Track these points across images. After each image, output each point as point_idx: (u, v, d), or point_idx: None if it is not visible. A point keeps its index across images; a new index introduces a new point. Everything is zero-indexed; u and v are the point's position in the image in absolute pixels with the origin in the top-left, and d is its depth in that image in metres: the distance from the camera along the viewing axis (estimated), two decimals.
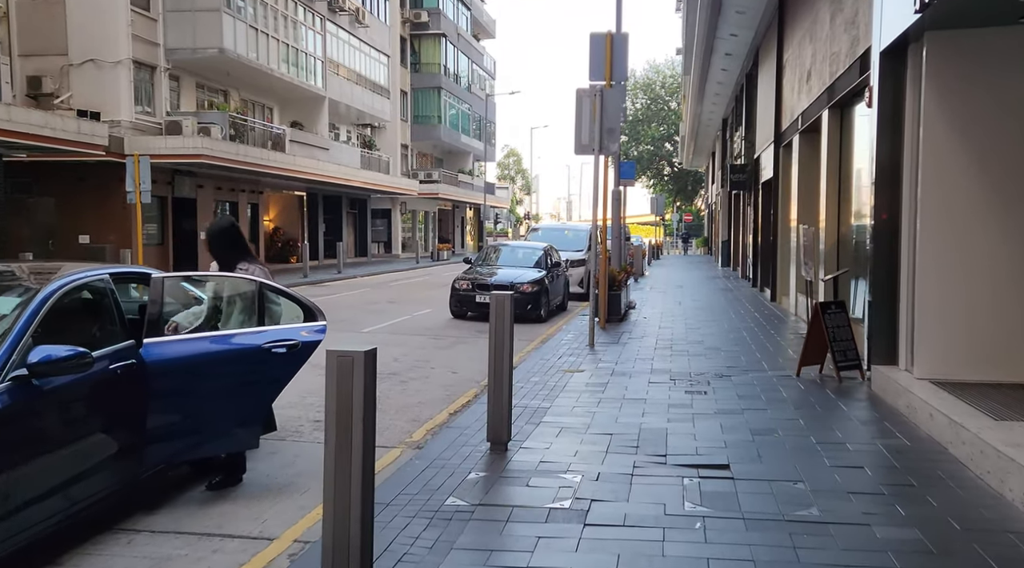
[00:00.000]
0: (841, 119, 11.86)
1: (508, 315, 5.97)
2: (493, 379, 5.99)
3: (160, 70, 24.41)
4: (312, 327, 5.54)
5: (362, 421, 3.25)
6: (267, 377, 5.34)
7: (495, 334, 5.97)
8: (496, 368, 5.97)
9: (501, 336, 5.96)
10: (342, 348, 3.32)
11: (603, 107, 11.51)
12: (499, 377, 5.97)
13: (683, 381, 8.79)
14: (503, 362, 5.96)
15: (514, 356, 11.74)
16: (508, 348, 5.98)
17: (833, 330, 8.63)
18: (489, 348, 6.01)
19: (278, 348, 5.30)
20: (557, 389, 8.44)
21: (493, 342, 5.99)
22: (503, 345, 5.96)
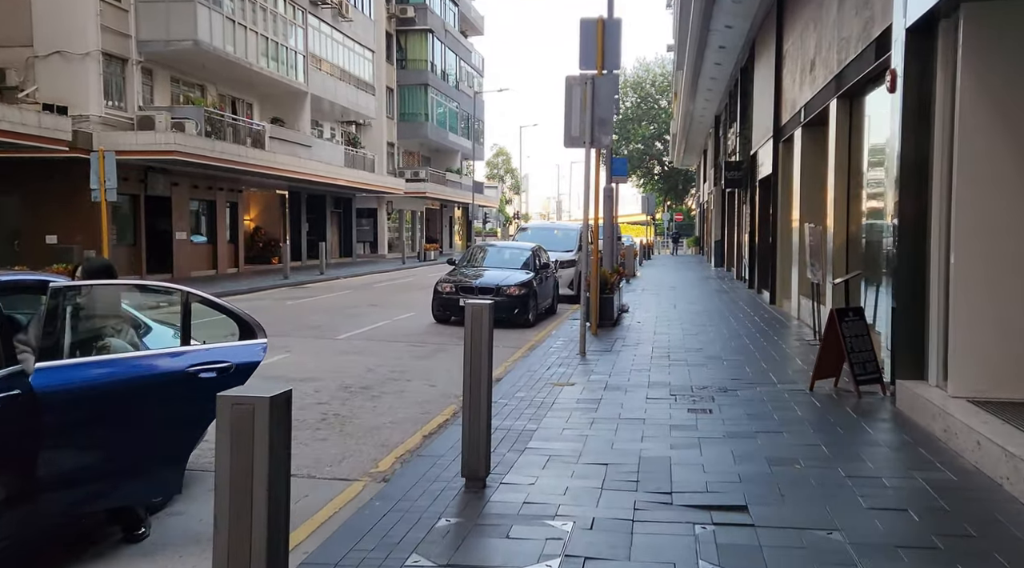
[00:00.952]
0: (851, 109, 11.02)
1: (486, 327, 5.07)
2: (469, 405, 5.09)
3: (132, 63, 23.39)
4: (250, 346, 4.62)
5: (266, 499, 2.32)
6: (193, 407, 4.41)
7: (471, 350, 5.08)
8: (472, 391, 5.07)
9: (478, 353, 5.06)
10: (240, 393, 2.38)
11: (594, 96, 10.64)
12: (476, 402, 5.07)
13: (685, 397, 7.91)
14: (480, 384, 5.07)
15: (500, 366, 10.89)
16: (486, 367, 5.08)
17: (851, 339, 7.78)
18: (464, 368, 5.11)
19: (206, 372, 4.37)
20: (545, 406, 7.55)
21: (469, 360, 5.09)
22: (480, 364, 5.06)
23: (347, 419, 7.46)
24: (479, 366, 5.06)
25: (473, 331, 5.07)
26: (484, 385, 5.07)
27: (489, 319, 5.11)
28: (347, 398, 8.38)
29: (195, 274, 26.55)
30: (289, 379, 9.24)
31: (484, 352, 5.06)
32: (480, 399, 5.05)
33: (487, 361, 5.08)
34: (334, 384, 9.08)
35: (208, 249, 28.11)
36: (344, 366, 10.25)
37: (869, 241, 10.44)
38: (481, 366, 5.05)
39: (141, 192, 24.09)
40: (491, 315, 5.13)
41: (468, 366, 5.08)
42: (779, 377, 8.94)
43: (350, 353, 11.31)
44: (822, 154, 13.65)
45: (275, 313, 16.53)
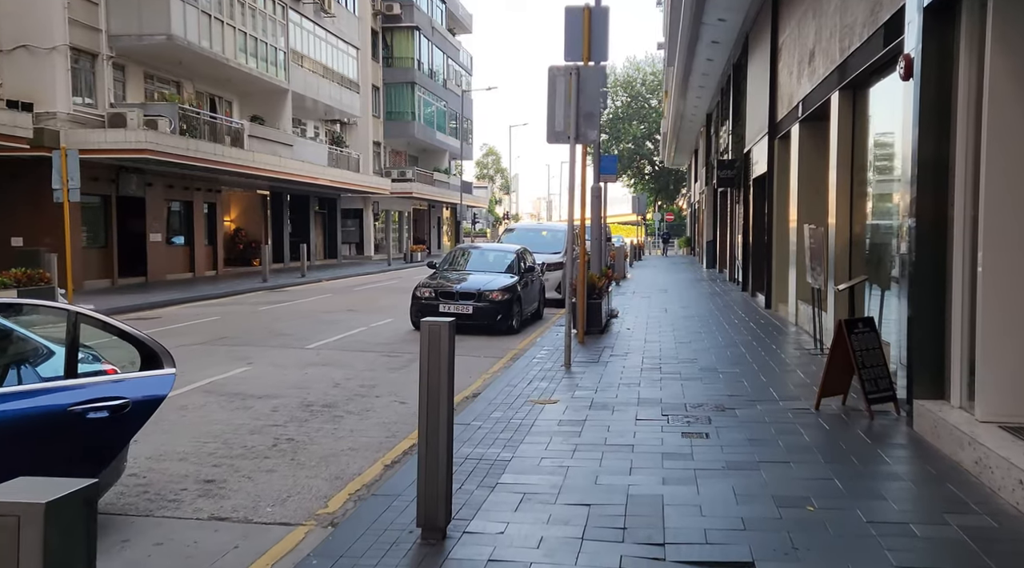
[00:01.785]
0: (854, 102, 10.29)
1: (446, 349, 4.30)
2: (426, 445, 4.31)
3: (102, 58, 22.49)
4: (153, 378, 3.82)
5: None
6: (78, 452, 3.61)
7: (427, 378, 4.30)
8: (429, 429, 4.29)
9: (436, 382, 4.28)
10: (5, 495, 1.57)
11: (580, 88, 9.88)
12: (433, 442, 4.29)
13: (678, 417, 7.15)
14: (439, 420, 4.28)
15: (478, 379, 10.11)
16: (446, 399, 4.30)
17: (861, 354, 7.03)
18: (420, 399, 4.33)
19: (96, 411, 3.57)
20: (523, 429, 6.78)
21: (425, 391, 4.31)
22: (439, 396, 4.28)
23: (301, 445, 6.67)
24: (437, 398, 4.28)
25: (431, 354, 4.30)
26: (443, 421, 4.29)
27: (449, 339, 4.33)
28: (306, 419, 7.58)
29: (171, 277, 25.68)
30: (245, 396, 8.45)
31: (443, 381, 4.28)
32: (438, 438, 4.27)
33: (447, 391, 4.31)
34: (294, 402, 8.28)
35: (185, 251, 27.23)
36: (309, 380, 9.45)
37: (876, 243, 9.71)
38: (440, 398, 4.27)
39: (113, 192, 23.20)
40: (452, 334, 4.36)
41: (424, 397, 4.30)
42: (780, 393, 8.19)
43: (318, 365, 10.51)
44: (822, 151, 12.92)
45: (245, 319, 15.71)
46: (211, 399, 8.30)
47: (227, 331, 13.85)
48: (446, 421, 4.30)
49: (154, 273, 24.78)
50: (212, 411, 7.80)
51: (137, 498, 5.29)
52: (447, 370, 4.29)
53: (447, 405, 4.29)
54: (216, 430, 7.08)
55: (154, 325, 14.70)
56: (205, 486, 5.57)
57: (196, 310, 17.62)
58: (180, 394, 8.49)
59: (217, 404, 8.10)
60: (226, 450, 6.47)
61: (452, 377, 4.35)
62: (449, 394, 4.32)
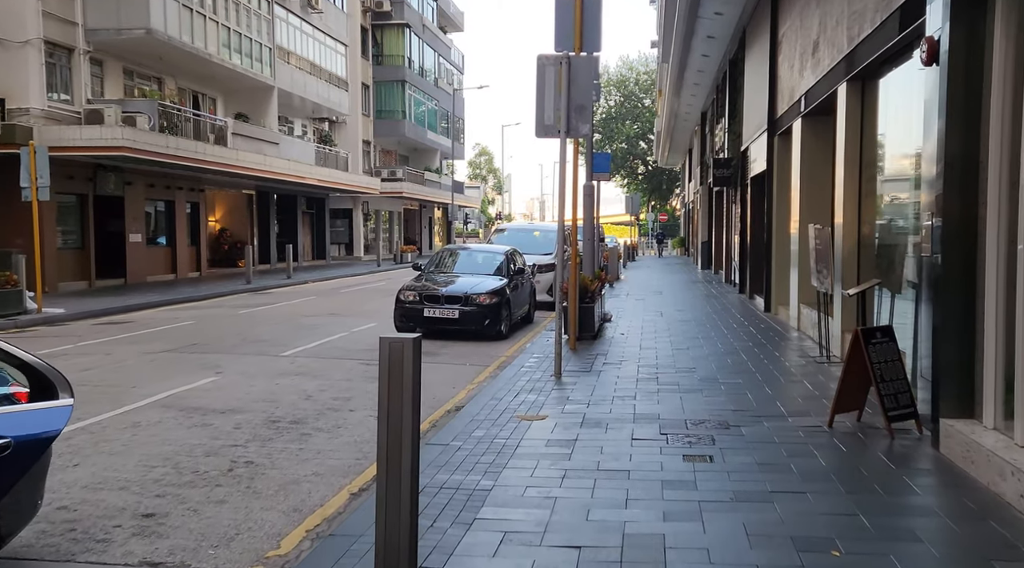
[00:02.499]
0: (863, 94, 9.66)
1: (410, 373, 3.63)
2: (386, 486, 3.64)
3: (79, 52, 21.74)
4: (43, 411, 3.14)
5: None
6: None
7: (387, 408, 3.63)
8: (390, 467, 3.62)
9: (398, 411, 3.62)
10: None
11: (571, 79, 9.23)
12: (395, 482, 3.62)
13: (678, 436, 6.49)
14: (400, 456, 3.62)
15: (461, 390, 9.45)
16: (409, 431, 3.64)
17: (880, 366, 6.39)
18: (379, 432, 3.67)
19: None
20: (507, 451, 6.11)
21: (385, 422, 3.65)
22: (401, 428, 3.62)
23: (261, 469, 5.99)
24: (399, 431, 3.61)
25: (391, 377, 3.63)
26: (407, 457, 3.62)
27: (414, 358, 3.67)
28: (270, 437, 6.90)
29: (152, 279, 24.94)
30: (207, 411, 7.77)
31: (407, 409, 3.61)
32: (400, 478, 3.60)
33: (411, 421, 3.64)
34: (260, 417, 7.60)
35: (166, 252, 26.48)
36: (279, 392, 8.77)
37: (887, 245, 9.08)
38: (402, 430, 3.61)
39: (90, 191, 22.43)
40: (417, 352, 3.70)
41: (384, 430, 3.64)
42: (788, 407, 7.54)
43: (291, 374, 9.82)
44: (826, 147, 12.32)
45: (222, 323, 15.00)
46: (168, 415, 7.61)
47: (200, 336, 13.15)
48: (410, 457, 3.64)
49: (134, 275, 24.03)
50: (168, 429, 7.12)
51: (61, 538, 4.61)
52: (411, 396, 3.63)
53: (411, 439, 3.63)
54: (168, 452, 6.40)
55: (125, 330, 14.00)
56: (142, 522, 4.89)
57: (172, 313, 16.91)
58: (135, 410, 7.80)
59: (174, 421, 7.41)
60: (175, 476, 5.79)
61: (417, 403, 3.69)
62: (414, 424, 3.65)
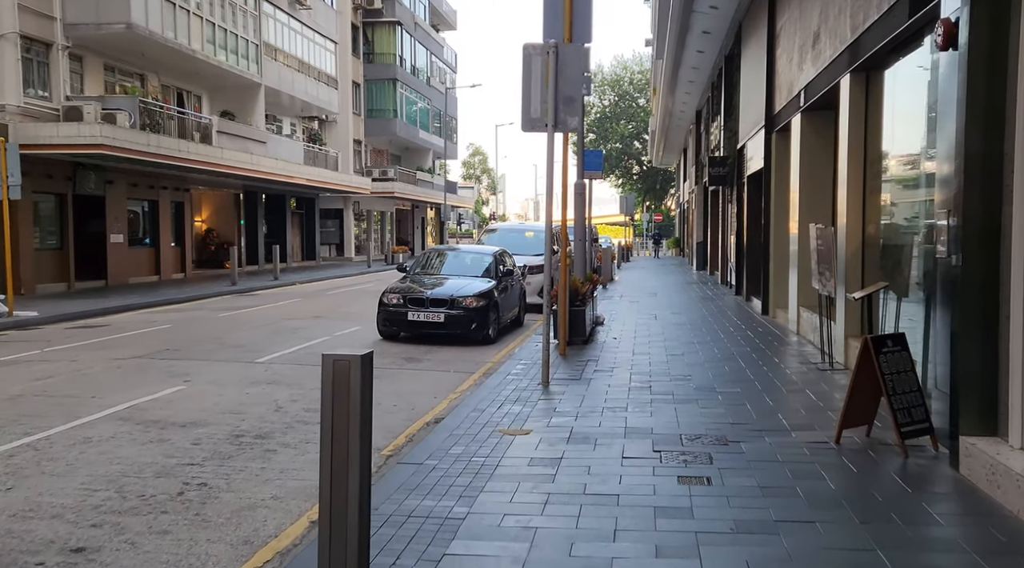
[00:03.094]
0: (867, 85, 9.15)
1: (357, 397, 3.11)
2: (329, 531, 3.11)
3: (57, 47, 21.12)
4: None
5: None
6: None
7: (330, 439, 3.10)
8: (334, 509, 3.09)
9: (343, 442, 3.09)
10: None
11: (559, 69, 8.69)
12: (339, 527, 3.09)
13: (673, 454, 5.97)
14: (346, 497, 3.09)
15: (443, 400, 8.90)
16: (357, 467, 3.11)
17: (892, 378, 5.88)
18: (321, 467, 3.14)
19: None
20: (485, 472, 5.58)
21: (329, 456, 3.12)
22: (347, 462, 3.09)
23: (215, 492, 5.45)
24: (345, 466, 3.08)
25: (336, 404, 3.10)
26: (353, 497, 3.09)
27: (362, 380, 3.14)
28: (231, 455, 6.35)
29: (134, 280, 24.35)
30: (166, 425, 7.22)
31: (353, 440, 3.08)
32: (346, 524, 3.07)
33: (359, 454, 3.11)
34: (223, 431, 7.06)
35: (150, 253, 25.88)
36: (248, 402, 8.22)
37: (895, 245, 8.58)
38: (348, 465, 3.08)
39: (69, 191, 21.81)
40: (366, 372, 3.17)
41: (328, 466, 3.11)
42: (791, 419, 7.02)
43: (263, 383, 9.27)
44: (826, 142, 11.84)
45: (199, 327, 14.43)
46: (124, 429, 7.06)
47: (175, 341, 12.59)
48: (358, 496, 3.10)
49: (115, 276, 23.43)
50: (120, 445, 6.57)
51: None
52: (359, 424, 3.10)
53: (359, 475, 3.09)
54: (115, 472, 5.85)
55: (98, 334, 13.43)
56: (69, 559, 4.35)
57: (150, 316, 16.34)
58: (88, 423, 7.25)
59: (129, 436, 6.86)
60: (117, 501, 5.24)
61: (367, 431, 3.16)
62: (362, 457, 3.12)
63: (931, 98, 7.27)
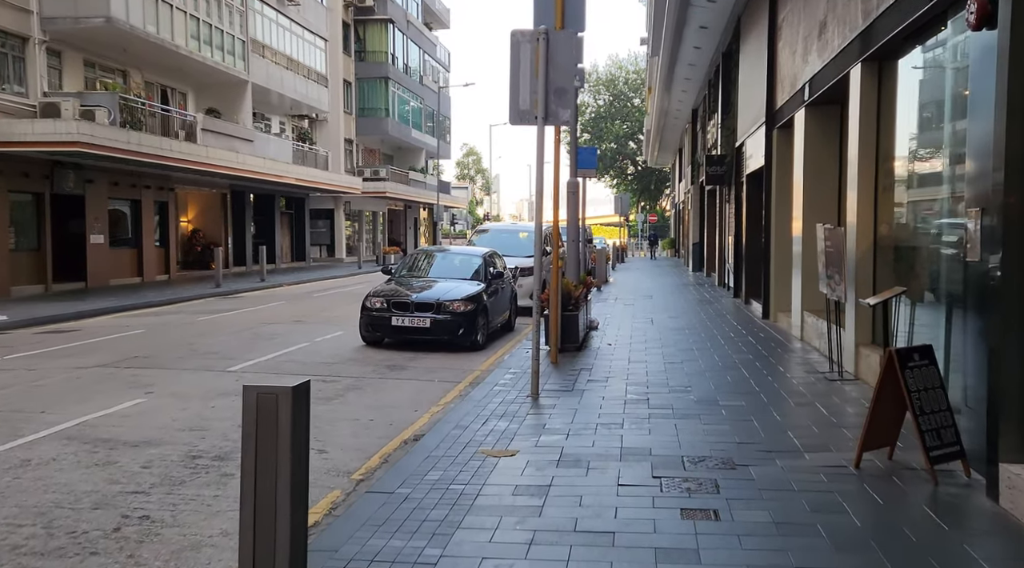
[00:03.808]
0: (880, 76, 8.54)
1: (287, 437, 2.47)
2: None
3: (34, 42, 20.42)
4: None
5: None
6: None
7: (253, 490, 2.47)
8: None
9: (268, 494, 2.46)
10: None
11: (549, 57, 8.08)
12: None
13: (674, 481, 5.34)
14: (273, 561, 2.45)
15: (424, 414, 8.25)
16: (287, 524, 2.47)
17: (919, 395, 5.26)
18: (241, 527, 2.50)
19: None
20: (464, 502, 4.95)
21: (251, 509, 2.48)
22: (274, 518, 2.45)
23: (157, 527, 4.80)
24: (272, 523, 2.45)
25: (260, 447, 2.47)
26: (282, 562, 2.45)
27: (293, 416, 2.50)
28: (183, 480, 5.71)
29: (115, 282, 23.64)
30: (117, 444, 6.57)
31: (282, 493, 2.45)
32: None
33: (289, 507, 2.47)
34: (179, 451, 6.41)
35: (132, 254, 25.16)
36: (212, 418, 7.58)
37: (911, 247, 7.98)
38: (276, 525, 2.44)
39: (47, 190, 21.11)
40: (299, 409, 2.54)
41: (250, 522, 2.47)
42: (803, 438, 6.40)
43: (232, 394, 8.62)
44: (832, 138, 11.26)
45: (174, 332, 13.76)
46: (69, 450, 6.41)
47: (145, 348, 11.93)
48: (287, 560, 2.47)
49: (95, 278, 22.72)
50: (61, 469, 5.92)
51: None
52: (289, 473, 2.46)
53: (289, 540, 2.45)
54: (48, 502, 5.20)
55: (66, 340, 12.76)
56: None
57: (126, 320, 15.66)
58: (30, 443, 6.60)
59: (73, 457, 6.21)
60: (42, 541, 4.59)
61: (301, 481, 2.53)
62: (294, 515, 2.49)
63: (955, 87, 6.67)
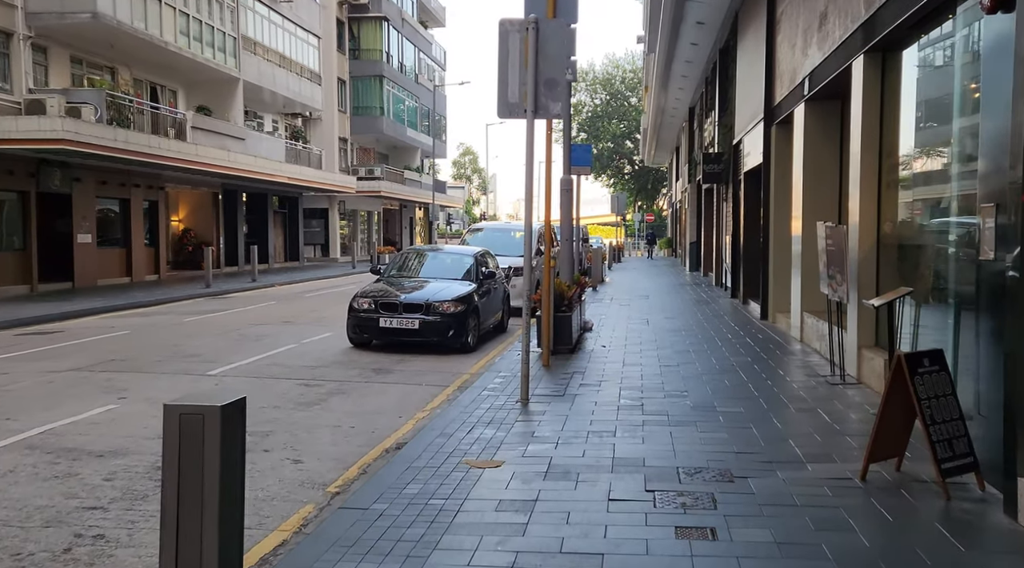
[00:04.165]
0: (884, 67, 8.21)
1: (215, 469, 2.13)
2: None
3: (19, 37, 20.04)
4: None
5: None
6: None
7: (174, 529, 2.12)
8: None
9: (193, 537, 2.11)
10: None
11: (539, 48, 7.73)
12: None
13: (669, 495, 5.01)
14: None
15: (409, 421, 7.88)
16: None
17: (930, 403, 4.93)
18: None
19: None
20: (443, 519, 4.61)
21: (173, 553, 2.14)
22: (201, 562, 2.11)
23: (111, 547, 4.45)
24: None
25: (183, 480, 2.12)
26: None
27: (223, 439, 2.16)
28: (146, 494, 5.36)
29: (103, 282, 23.26)
30: (81, 454, 6.22)
31: (209, 540, 2.10)
32: None
33: (217, 551, 2.13)
34: (146, 462, 6.06)
35: (121, 254, 24.78)
36: None
37: (915, 245, 7.66)
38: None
39: (32, 188, 20.71)
40: (230, 431, 2.19)
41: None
42: (805, 447, 6.07)
43: None
44: (833, 134, 10.95)
45: (158, 334, 13.39)
46: (29, 461, 6.06)
47: (125, 350, 11.56)
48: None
49: (83, 278, 22.34)
50: (17, 482, 5.57)
51: None
52: (217, 507, 2.12)
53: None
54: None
55: (46, 342, 12.40)
56: None
57: (111, 321, 15.29)
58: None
59: (32, 469, 5.86)
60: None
61: (234, 518, 2.18)
62: (224, 557, 2.14)
63: (965, 77, 6.34)
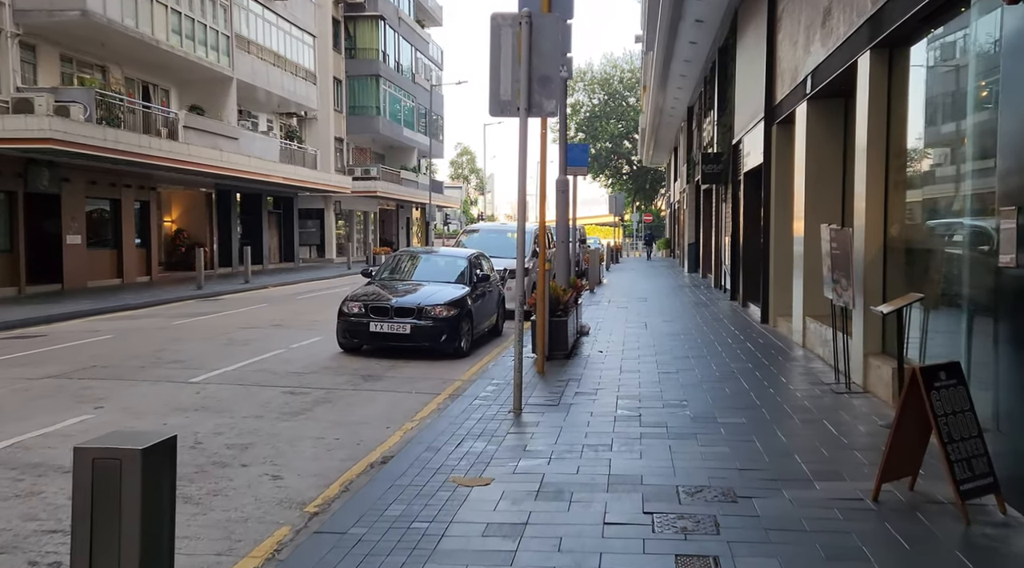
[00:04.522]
0: (891, 64, 7.90)
1: (135, 523, 1.79)
2: None
3: (6, 35, 19.71)
4: None
5: None
6: None
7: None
8: None
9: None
10: None
11: (533, 43, 7.42)
12: None
13: (668, 518, 4.69)
14: None
15: (396, 432, 7.58)
16: None
17: (946, 419, 4.62)
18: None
19: None
20: (425, 545, 4.29)
21: None
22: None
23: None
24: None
25: (96, 536, 1.80)
26: None
27: (143, 492, 1.84)
28: None
29: (93, 284, 22.92)
30: (49, 469, 5.90)
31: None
32: None
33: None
34: None
35: (111, 255, 24.44)
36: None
37: (925, 249, 7.34)
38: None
39: (20, 188, 20.36)
40: (150, 483, 1.87)
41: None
42: (812, 463, 5.75)
43: (189, 409, 7.95)
44: (837, 133, 10.65)
45: (143, 339, 13.06)
46: None
47: (107, 356, 11.23)
48: None
49: (72, 280, 22.00)
50: None
51: None
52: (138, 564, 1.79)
53: None
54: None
55: (27, 346, 12.07)
56: None
57: (96, 325, 14.96)
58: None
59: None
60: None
61: None
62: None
63: (980, 73, 6.04)
